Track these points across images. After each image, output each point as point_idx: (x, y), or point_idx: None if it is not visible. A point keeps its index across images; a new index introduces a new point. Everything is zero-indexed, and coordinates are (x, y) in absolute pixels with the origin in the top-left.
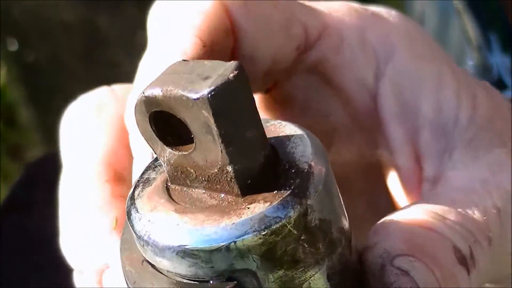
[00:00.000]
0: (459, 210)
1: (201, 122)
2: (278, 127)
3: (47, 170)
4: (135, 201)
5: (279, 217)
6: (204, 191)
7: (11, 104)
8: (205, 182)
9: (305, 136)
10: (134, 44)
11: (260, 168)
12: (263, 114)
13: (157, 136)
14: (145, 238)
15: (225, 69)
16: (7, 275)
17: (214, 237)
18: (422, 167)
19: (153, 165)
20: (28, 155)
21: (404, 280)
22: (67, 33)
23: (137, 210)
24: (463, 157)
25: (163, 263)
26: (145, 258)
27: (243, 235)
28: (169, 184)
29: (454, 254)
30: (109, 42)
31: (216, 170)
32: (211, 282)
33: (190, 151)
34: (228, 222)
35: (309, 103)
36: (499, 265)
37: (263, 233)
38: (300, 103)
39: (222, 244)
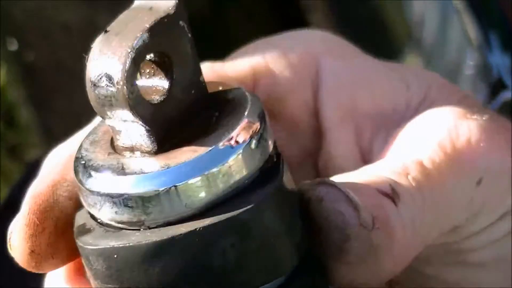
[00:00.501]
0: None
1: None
2: (225, 87)
3: None
4: (82, 157)
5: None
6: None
7: (11, 104)
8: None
9: (248, 97)
10: None
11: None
12: None
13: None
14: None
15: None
16: (7, 275)
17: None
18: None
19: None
20: (28, 155)
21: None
22: (67, 33)
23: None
24: (401, 132)
25: (105, 212)
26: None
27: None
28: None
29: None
30: None
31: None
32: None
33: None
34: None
35: None
36: (439, 214)
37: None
38: None
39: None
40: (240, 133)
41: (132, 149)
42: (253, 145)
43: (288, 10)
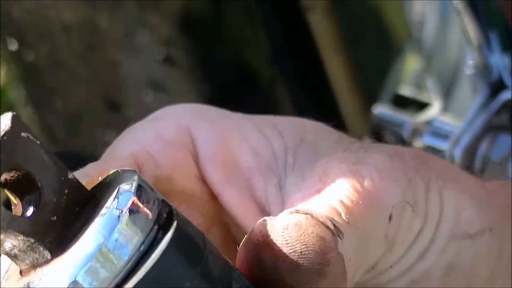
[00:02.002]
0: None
1: None
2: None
3: None
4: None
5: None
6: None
7: (11, 104)
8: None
9: (122, 173)
10: (134, 44)
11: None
12: None
13: None
14: None
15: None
16: None
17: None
18: (270, 215)
19: None
20: None
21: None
22: (67, 33)
23: None
24: (294, 182)
25: None
26: None
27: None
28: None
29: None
30: (109, 42)
31: None
32: None
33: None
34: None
35: None
36: (364, 250)
37: None
38: None
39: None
40: (113, 202)
41: (33, 265)
42: (134, 210)
43: (288, 10)
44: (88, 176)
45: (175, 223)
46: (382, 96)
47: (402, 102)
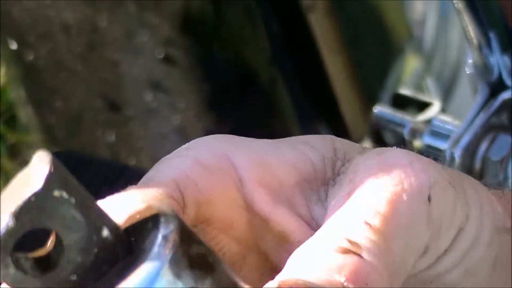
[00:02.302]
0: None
1: None
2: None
3: None
4: None
5: None
6: None
7: (11, 104)
8: None
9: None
10: (134, 44)
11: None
12: None
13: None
14: None
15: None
16: None
17: None
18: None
19: None
20: (28, 155)
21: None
22: (67, 33)
23: None
24: (331, 190)
25: None
26: None
27: None
28: None
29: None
30: (109, 42)
31: None
32: None
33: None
34: None
35: None
36: (403, 237)
37: None
38: None
39: None
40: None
41: None
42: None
43: (288, 10)
44: (127, 206)
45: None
46: (382, 96)
47: (402, 102)
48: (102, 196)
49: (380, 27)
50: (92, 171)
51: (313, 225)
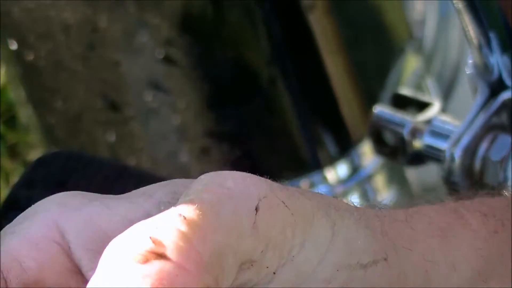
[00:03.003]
0: None
1: None
2: None
3: (47, 170)
4: None
5: None
6: None
7: (11, 104)
8: None
9: None
10: (134, 44)
11: None
12: None
13: None
14: None
15: None
16: None
17: None
18: None
19: None
20: (28, 155)
21: None
22: (67, 33)
23: None
24: None
25: None
26: None
27: None
28: None
29: None
30: (109, 42)
31: None
32: None
33: None
34: None
35: None
36: (222, 239)
37: None
38: None
39: None
40: None
41: None
42: None
43: (288, 10)
44: None
45: None
46: (382, 96)
47: (402, 102)
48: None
49: (380, 27)
50: (92, 170)
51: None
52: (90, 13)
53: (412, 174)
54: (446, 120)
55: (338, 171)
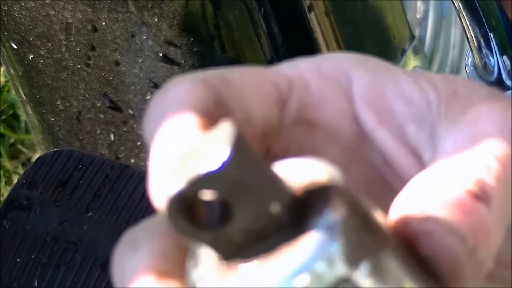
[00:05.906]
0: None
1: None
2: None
3: (48, 170)
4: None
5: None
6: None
7: (11, 104)
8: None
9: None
10: (134, 44)
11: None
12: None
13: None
14: None
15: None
16: (8, 275)
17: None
18: (421, 158)
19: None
20: (28, 155)
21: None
22: (67, 33)
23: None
24: (445, 129)
25: None
26: None
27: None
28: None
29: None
30: (109, 42)
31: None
32: None
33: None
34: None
35: (303, 152)
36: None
37: None
38: (294, 155)
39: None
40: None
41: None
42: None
43: (288, 10)
44: (303, 173)
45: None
46: None
47: None
48: (102, 195)
49: (380, 27)
50: (93, 170)
51: (417, 153)
52: (90, 13)
53: None
54: None
55: None
